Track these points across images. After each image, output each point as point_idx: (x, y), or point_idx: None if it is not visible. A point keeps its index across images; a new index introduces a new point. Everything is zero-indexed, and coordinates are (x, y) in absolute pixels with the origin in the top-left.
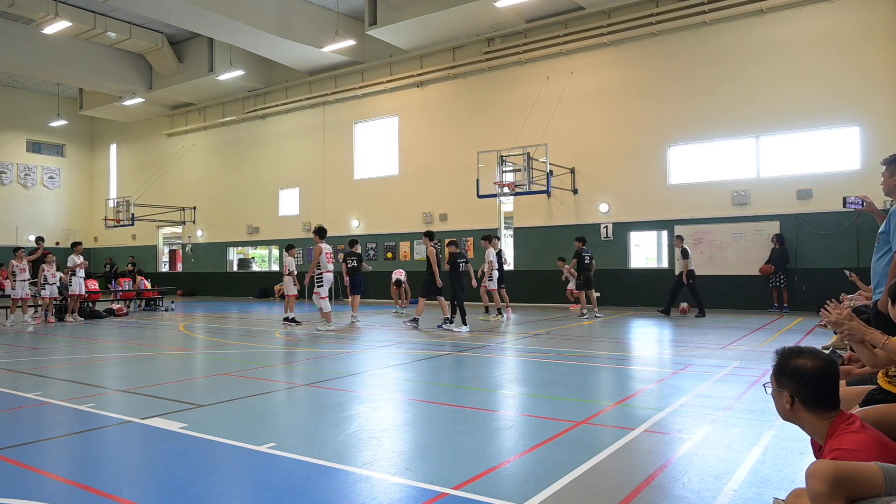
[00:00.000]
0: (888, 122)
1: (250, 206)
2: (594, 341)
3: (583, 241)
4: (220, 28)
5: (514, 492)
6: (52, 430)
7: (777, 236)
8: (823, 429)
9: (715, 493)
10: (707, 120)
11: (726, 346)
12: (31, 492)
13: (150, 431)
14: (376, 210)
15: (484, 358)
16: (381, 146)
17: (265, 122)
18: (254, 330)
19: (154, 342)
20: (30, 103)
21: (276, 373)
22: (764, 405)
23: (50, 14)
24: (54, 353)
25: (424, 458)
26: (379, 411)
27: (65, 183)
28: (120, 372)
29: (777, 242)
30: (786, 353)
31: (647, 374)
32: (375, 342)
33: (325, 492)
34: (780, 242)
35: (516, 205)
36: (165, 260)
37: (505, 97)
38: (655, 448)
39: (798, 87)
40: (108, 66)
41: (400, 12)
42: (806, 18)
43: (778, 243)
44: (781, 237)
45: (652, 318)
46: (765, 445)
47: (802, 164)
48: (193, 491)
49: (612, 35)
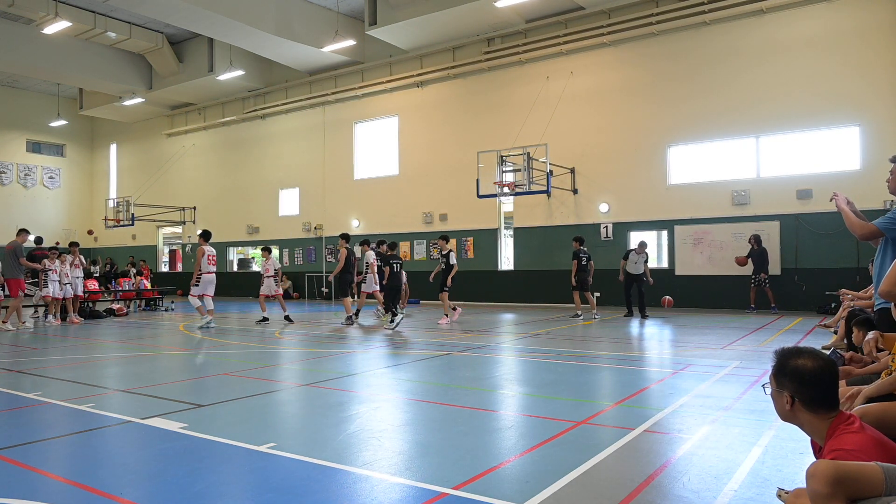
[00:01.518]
0: (888, 122)
1: (250, 206)
2: (594, 341)
3: (580, 241)
4: (220, 28)
5: (514, 492)
6: (52, 430)
7: (754, 237)
8: (823, 429)
9: (715, 493)
10: (707, 120)
11: (726, 346)
12: (31, 492)
13: (150, 431)
14: (376, 210)
15: (484, 358)
16: (381, 146)
17: (265, 122)
18: (254, 330)
19: (154, 342)
20: (30, 103)
21: (276, 373)
22: (764, 405)
23: (50, 14)
24: (54, 353)
25: (424, 458)
26: (379, 411)
27: (65, 183)
28: (120, 372)
29: (755, 243)
30: (786, 354)
31: (647, 374)
32: (375, 342)
33: (325, 492)
34: (758, 243)
35: (516, 205)
36: (165, 260)
37: (505, 97)
38: (655, 448)
39: (798, 88)
40: (108, 66)
41: (400, 12)
42: (806, 19)
43: (755, 244)
44: (758, 238)
45: (652, 318)
46: (765, 445)
47: (802, 164)
48: (193, 491)
49: (612, 35)
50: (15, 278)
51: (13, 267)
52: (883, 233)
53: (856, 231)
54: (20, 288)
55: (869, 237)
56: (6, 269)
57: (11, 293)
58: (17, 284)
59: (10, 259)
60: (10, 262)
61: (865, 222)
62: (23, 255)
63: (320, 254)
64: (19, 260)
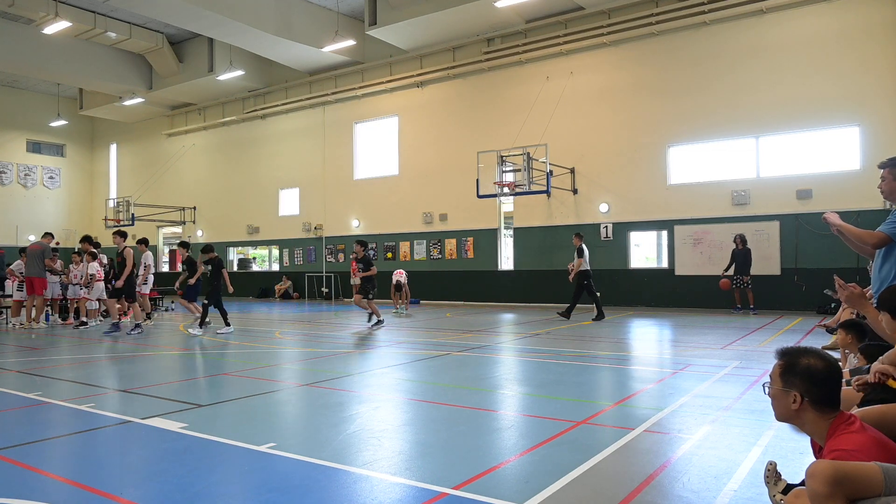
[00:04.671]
0: (888, 122)
1: (250, 206)
2: (594, 341)
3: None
4: (220, 28)
5: (514, 492)
6: (52, 430)
7: (739, 237)
8: (824, 429)
9: (715, 493)
10: (707, 120)
11: (726, 346)
12: (31, 492)
13: (150, 431)
14: (376, 210)
15: (484, 358)
16: (381, 146)
17: (265, 122)
18: (253, 330)
19: (154, 342)
20: (30, 103)
21: (276, 373)
22: (764, 405)
23: (50, 14)
24: (54, 354)
25: (424, 458)
26: (379, 411)
27: (65, 183)
28: (120, 372)
29: (740, 243)
30: (794, 353)
31: (647, 374)
32: (375, 342)
33: (325, 492)
34: (743, 243)
35: (516, 205)
36: (165, 260)
37: (505, 97)
38: (655, 448)
39: (798, 87)
40: (108, 66)
41: (400, 12)
42: (805, 18)
43: (741, 244)
44: (744, 238)
45: (652, 318)
46: (765, 445)
47: (802, 164)
48: (193, 491)
49: (611, 35)
50: (40, 277)
51: (38, 267)
52: (892, 238)
53: (867, 241)
54: (44, 287)
55: (880, 245)
56: (31, 269)
57: (36, 291)
58: (41, 283)
59: (35, 259)
60: (35, 262)
61: (872, 231)
62: (50, 257)
63: (320, 254)
64: (45, 261)
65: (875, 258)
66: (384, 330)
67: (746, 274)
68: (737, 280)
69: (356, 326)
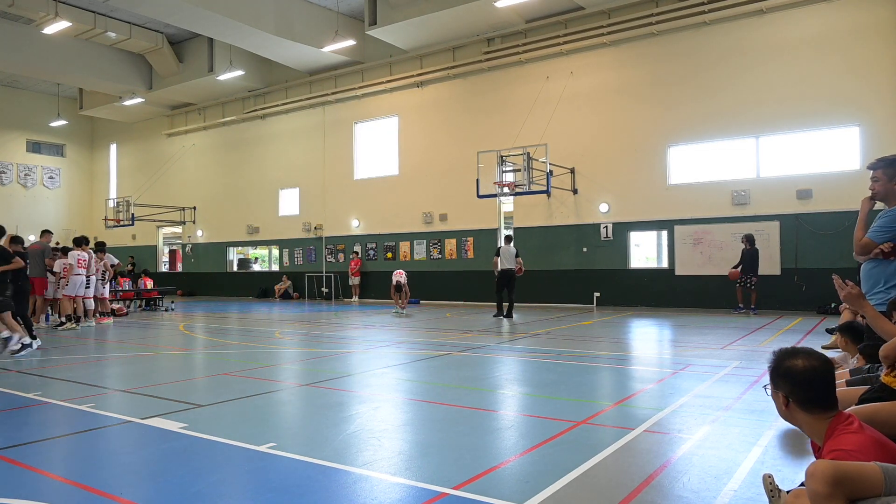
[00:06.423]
0: (888, 122)
1: (250, 206)
2: (594, 341)
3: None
4: (220, 28)
5: (514, 492)
6: (52, 430)
7: (747, 237)
8: (822, 429)
9: (715, 493)
10: (707, 120)
11: (726, 346)
12: (31, 492)
13: (150, 431)
14: (376, 210)
15: (484, 358)
16: (381, 146)
17: (265, 122)
18: (254, 330)
19: (154, 342)
20: (30, 103)
21: (276, 373)
22: (764, 405)
23: (50, 14)
24: (54, 353)
25: (424, 458)
26: (379, 411)
27: (65, 183)
28: (120, 372)
29: (747, 243)
30: (780, 355)
31: (647, 374)
32: (375, 342)
33: (325, 492)
34: (751, 243)
35: (516, 205)
36: (165, 260)
37: (505, 97)
38: (655, 448)
39: (798, 88)
40: (108, 66)
41: (400, 12)
42: (806, 19)
43: (748, 244)
44: (751, 238)
45: (652, 318)
46: (765, 445)
47: (802, 164)
48: (193, 491)
49: (611, 35)
50: (41, 277)
51: (39, 267)
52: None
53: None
54: (45, 287)
55: (866, 251)
56: (31, 269)
57: (37, 291)
58: (42, 283)
59: (36, 259)
60: (36, 262)
61: (861, 235)
62: (50, 257)
63: (320, 254)
64: (45, 261)
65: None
66: (384, 330)
67: (755, 274)
68: (743, 279)
69: (356, 326)
